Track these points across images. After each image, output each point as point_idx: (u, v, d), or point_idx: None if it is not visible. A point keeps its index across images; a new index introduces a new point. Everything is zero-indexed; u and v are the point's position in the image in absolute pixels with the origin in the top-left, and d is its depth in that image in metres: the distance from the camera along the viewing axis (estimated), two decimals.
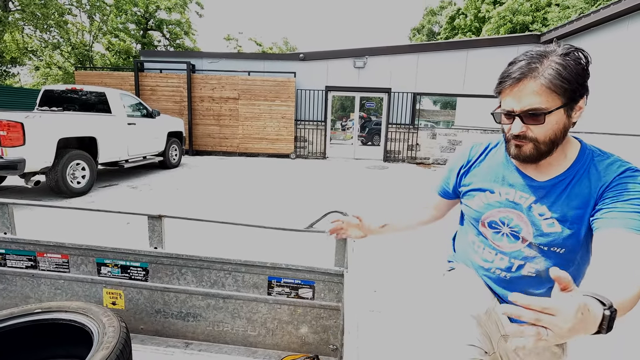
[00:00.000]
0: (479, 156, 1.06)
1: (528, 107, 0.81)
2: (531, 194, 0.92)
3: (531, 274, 0.94)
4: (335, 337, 1.56)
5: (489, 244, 1.01)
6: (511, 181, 0.97)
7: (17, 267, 1.64)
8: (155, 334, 1.64)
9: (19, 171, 4.32)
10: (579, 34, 8.33)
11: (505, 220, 0.96)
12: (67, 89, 6.40)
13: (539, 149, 0.85)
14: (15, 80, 22.38)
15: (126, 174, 7.02)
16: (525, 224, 0.93)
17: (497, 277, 0.99)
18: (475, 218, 1.02)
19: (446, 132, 10.51)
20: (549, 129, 0.82)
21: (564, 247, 0.89)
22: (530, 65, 0.80)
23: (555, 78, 0.77)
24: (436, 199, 1.23)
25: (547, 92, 0.79)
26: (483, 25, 22.82)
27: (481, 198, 1.01)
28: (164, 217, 1.55)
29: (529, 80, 0.80)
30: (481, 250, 1.03)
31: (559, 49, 0.81)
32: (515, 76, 0.82)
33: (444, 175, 1.18)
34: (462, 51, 10.18)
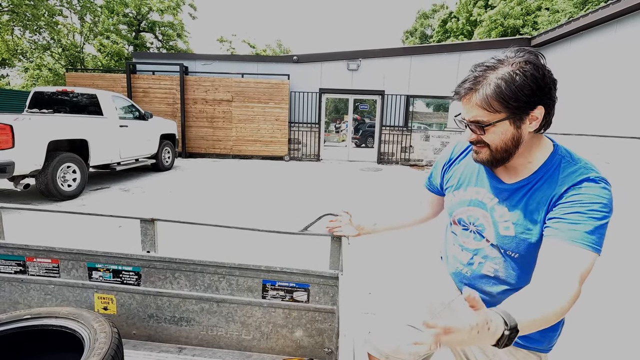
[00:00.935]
0: (460, 155, 1.10)
1: (472, 118, 0.87)
2: (495, 196, 0.95)
3: (490, 273, 0.96)
4: (330, 340, 1.55)
5: (457, 240, 1.06)
6: (482, 181, 1.00)
7: (5, 272, 1.60)
8: (147, 339, 1.62)
9: (7, 174, 4.25)
10: (568, 37, 8.46)
11: (471, 218, 0.99)
12: (58, 91, 6.31)
13: (494, 156, 0.89)
14: (4, 82, 22.06)
15: (118, 177, 6.95)
16: (489, 224, 0.95)
17: (460, 272, 1.03)
18: (450, 214, 1.07)
19: (439, 134, 10.59)
20: (495, 139, 0.86)
21: (518, 252, 0.90)
22: (476, 79, 0.84)
23: (493, 94, 0.80)
24: (426, 194, 1.26)
25: (486, 106, 0.82)
26: (475, 29, 23.08)
27: (455, 195, 1.05)
28: (157, 221, 1.53)
29: (472, 94, 0.85)
30: (452, 247, 1.09)
31: (514, 59, 0.81)
32: (465, 87, 0.87)
33: (432, 171, 1.22)
34: (455, 54, 10.28)
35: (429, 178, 1.23)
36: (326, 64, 10.45)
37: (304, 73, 10.44)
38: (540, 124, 0.84)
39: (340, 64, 10.41)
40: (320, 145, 10.84)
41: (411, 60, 10.34)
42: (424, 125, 11.25)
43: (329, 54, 10.50)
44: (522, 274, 0.92)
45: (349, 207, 1.47)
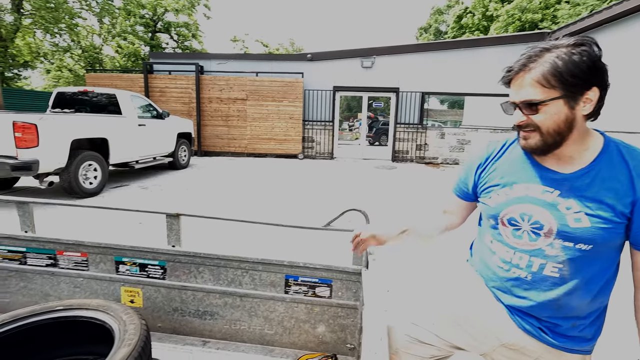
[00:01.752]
0: (497, 153, 1.05)
1: (524, 98, 0.85)
2: (555, 188, 0.90)
3: (554, 273, 0.90)
4: (352, 336, 1.55)
5: (507, 243, 0.98)
6: (532, 175, 0.94)
7: (37, 265, 1.66)
8: (172, 332, 1.65)
9: (33, 172, 4.39)
10: (590, 31, 8.19)
11: (525, 216, 0.93)
12: (79, 91, 6.48)
13: (545, 140, 0.87)
14: (27, 82, 22.76)
15: (136, 175, 7.09)
16: (548, 219, 0.90)
17: (517, 278, 0.95)
18: (494, 215, 1.00)
19: (455, 131, 10.43)
20: (547, 119, 0.84)
21: (593, 242, 0.86)
22: (530, 58, 0.85)
23: (550, 70, 0.81)
24: (454, 201, 1.19)
25: (541, 84, 0.82)
26: (491, 24, 22.61)
27: (500, 194, 0.98)
28: (182, 216, 1.56)
29: (525, 73, 0.85)
30: (499, 250, 1.00)
31: (567, 41, 0.83)
32: (515, 69, 0.87)
33: (460, 175, 1.16)
34: (471, 50, 10.10)
35: (458, 184, 1.17)
36: (340, 62, 10.41)
37: (317, 71, 10.43)
38: (593, 107, 0.84)
39: (354, 61, 10.36)
40: (334, 143, 10.82)
41: (426, 56, 10.21)
42: (438, 122, 11.11)
43: (343, 52, 10.46)
44: (592, 267, 0.89)
45: (368, 205, 1.43)
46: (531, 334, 0.95)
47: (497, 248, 1.01)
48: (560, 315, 0.92)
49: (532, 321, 0.95)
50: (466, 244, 1.26)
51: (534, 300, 0.93)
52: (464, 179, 1.13)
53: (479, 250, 1.11)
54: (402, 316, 1.10)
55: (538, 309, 0.93)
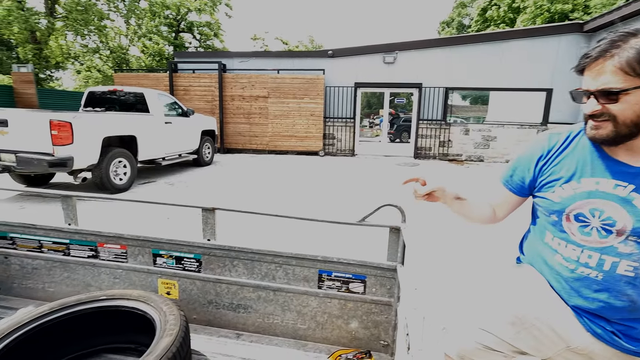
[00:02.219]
0: (561, 145, 0.98)
1: (602, 86, 0.80)
2: (629, 182, 0.85)
3: (629, 272, 0.85)
4: (386, 333, 1.53)
5: (573, 241, 0.92)
6: (602, 169, 0.89)
7: (79, 256, 1.72)
8: (207, 324, 1.68)
9: (68, 168, 4.57)
10: (627, 21, 7.78)
11: (595, 212, 0.87)
12: (109, 90, 6.70)
13: (618, 130, 0.82)
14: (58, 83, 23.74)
15: (163, 172, 7.28)
16: (622, 215, 0.84)
17: (586, 278, 0.90)
18: (559, 211, 0.94)
19: (480, 127, 10.16)
20: (627, 109, 0.79)
21: None
22: (612, 43, 0.79)
23: (636, 57, 0.76)
24: (504, 195, 1.11)
25: (625, 71, 0.76)
26: (517, 16, 21.82)
27: (566, 189, 0.93)
28: (217, 210, 1.58)
29: (606, 59, 0.79)
30: (563, 248, 0.94)
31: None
32: (594, 55, 0.81)
33: (514, 167, 1.08)
34: (497, 43, 9.78)
35: (510, 176, 1.09)
36: (361, 58, 10.32)
37: (339, 67, 10.38)
38: None
39: (375, 57, 10.24)
40: (355, 140, 10.75)
41: (450, 51, 9.97)
42: (460, 119, 10.84)
43: (364, 47, 10.36)
44: None
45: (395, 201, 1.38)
46: (601, 338, 0.90)
47: (560, 246, 0.95)
48: (635, 317, 0.87)
49: (603, 324, 0.90)
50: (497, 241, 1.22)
51: (605, 301, 0.87)
52: (520, 172, 1.06)
53: (535, 249, 1.05)
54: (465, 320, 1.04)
55: (610, 310, 0.88)
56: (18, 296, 1.84)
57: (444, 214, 4.49)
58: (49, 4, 15.01)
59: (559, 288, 0.96)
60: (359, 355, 1.49)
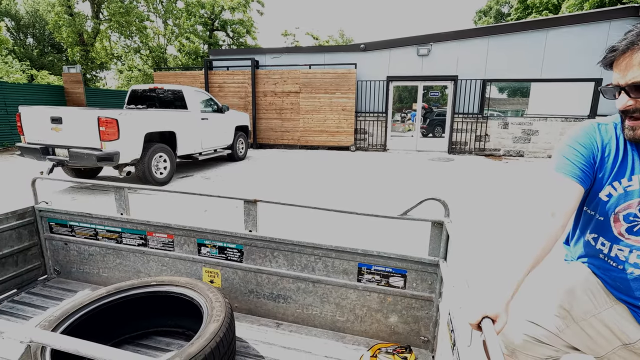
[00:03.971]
0: (610, 138, 0.91)
1: (633, 79, 0.76)
2: None
3: None
4: (427, 328, 1.51)
5: (620, 241, 0.88)
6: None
7: (130, 244, 1.83)
8: (248, 312, 1.74)
9: (114, 162, 4.86)
10: None
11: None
12: (150, 88, 7.02)
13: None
14: (102, 83, 25.17)
15: (199, 166, 7.55)
16: None
17: (637, 278, 0.86)
18: (606, 211, 0.89)
19: (520, 120, 9.67)
20: None
21: None
22: (639, 36, 0.75)
23: None
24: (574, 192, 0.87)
25: None
26: (562, 2, 20.45)
27: (617, 188, 0.88)
28: (259, 202, 1.62)
29: (634, 52, 0.75)
30: (609, 248, 0.91)
31: None
32: (622, 48, 0.77)
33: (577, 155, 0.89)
34: (540, 31, 9.23)
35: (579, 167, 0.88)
36: (394, 51, 10.12)
37: (371, 61, 10.24)
38: None
39: (409, 49, 10.00)
40: (387, 135, 10.60)
41: (488, 41, 9.54)
42: (497, 112, 10.37)
43: (397, 40, 10.13)
44: None
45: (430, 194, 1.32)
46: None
47: (606, 246, 0.92)
48: None
49: None
50: None
51: None
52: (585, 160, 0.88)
53: (581, 248, 1.01)
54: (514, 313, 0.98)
55: None
56: (76, 279, 1.99)
57: (483, 212, 4.33)
58: (95, 8, 15.92)
59: (609, 287, 0.93)
60: (399, 350, 1.48)
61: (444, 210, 1.37)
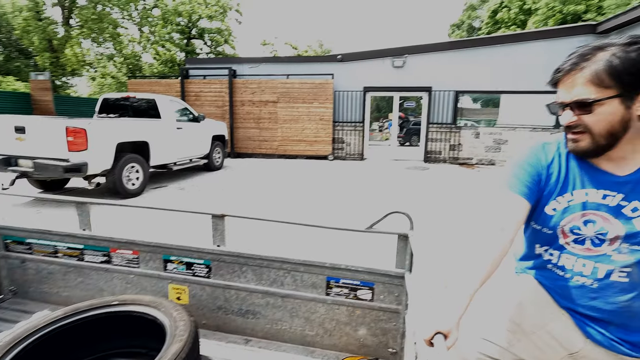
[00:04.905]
0: (553, 156, 0.97)
1: (576, 97, 0.82)
2: (617, 191, 0.86)
3: (622, 279, 0.86)
4: (394, 340, 1.53)
5: (567, 250, 0.93)
6: (590, 180, 0.90)
7: (93, 261, 1.76)
8: (216, 329, 1.70)
9: (82, 173, 4.68)
10: None
11: (589, 223, 0.89)
12: (122, 97, 6.85)
13: (597, 142, 0.83)
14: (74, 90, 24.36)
15: (174, 176, 7.39)
16: (613, 224, 0.86)
17: (581, 286, 0.91)
18: (553, 225, 0.93)
19: (491, 130, 10.04)
20: (601, 120, 0.81)
21: None
22: (582, 57, 0.81)
23: (605, 69, 0.78)
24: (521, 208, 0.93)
25: (596, 83, 0.79)
26: (529, 18, 21.58)
27: (560, 202, 0.93)
28: (227, 216, 1.60)
29: (578, 72, 0.82)
30: (558, 258, 0.95)
31: (620, 40, 0.80)
32: (566, 67, 0.84)
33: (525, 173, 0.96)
34: (508, 46, 9.68)
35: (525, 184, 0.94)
36: (370, 62, 10.33)
37: (348, 72, 10.40)
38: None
39: (384, 61, 10.24)
40: (365, 144, 10.74)
41: (460, 54, 9.91)
42: (471, 122, 10.74)
43: (373, 52, 10.37)
44: None
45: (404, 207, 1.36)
46: (601, 343, 0.91)
47: (554, 256, 0.96)
48: (634, 322, 0.88)
49: (602, 330, 0.91)
50: None
51: (602, 308, 0.89)
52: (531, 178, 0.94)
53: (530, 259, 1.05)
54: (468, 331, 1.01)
55: (608, 317, 0.89)
56: (34, 300, 1.89)
57: (453, 222, 4.44)
58: (65, 14, 15.44)
59: (556, 296, 0.97)
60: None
61: (409, 223, 1.40)
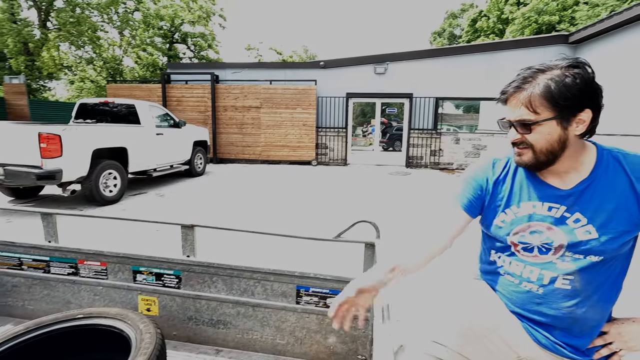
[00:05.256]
0: (502, 170, 1.03)
1: (518, 117, 0.88)
2: (560, 204, 0.92)
3: (565, 286, 0.91)
4: (364, 347, 1.55)
5: (517, 257, 0.98)
6: (536, 193, 0.95)
7: (60, 274, 1.73)
8: (187, 340, 1.69)
9: (56, 181, 4.56)
10: (610, 33, 7.99)
11: (535, 234, 0.94)
12: (100, 102, 6.71)
13: (538, 158, 0.90)
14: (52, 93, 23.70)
15: (154, 183, 7.27)
16: (558, 235, 0.91)
17: (528, 291, 0.96)
18: (503, 236, 0.99)
19: (470, 136, 10.29)
20: (540, 139, 0.87)
21: (603, 254, 0.87)
22: (524, 80, 0.87)
23: (542, 93, 0.84)
24: (466, 220, 1.05)
25: (534, 105, 0.85)
26: (506, 27, 22.29)
27: (508, 214, 0.99)
28: (196, 227, 1.60)
29: (520, 93, 0.87)
30: (508, 265, 1.01)
31: (562, 63, 0.85)
32: (509, 90, 0.90)
33: (470, 189, 1.05)
34: (486, 54, 9.98)
35: (468, 199, 1.04)
36: (353, 69, 10.46)
37: (331, 78, 10.50)
38: (587, 127, 0.85)
39: (367, 68, 10.39)
40: (348, 150, 10.83)
41: (440, 61, 10.15)
42: (453, 127, 10.99)
43: (356, 59, 10.50)
44: (603, 278, 0.90)
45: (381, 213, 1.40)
46: (547, 347, 0.95)
47: (506, 263, 1.01)
48: (576, 327, 0.93)
49: (548, 335, 0.95)
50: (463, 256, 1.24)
51: (547, 313, 0.93)
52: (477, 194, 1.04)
53: (487, 265, 1.10)
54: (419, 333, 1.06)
55: (552, 322, 0.94)
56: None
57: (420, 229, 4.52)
58: (42, 16, 15.06)
59: (507, 301, 1.02)
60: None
61: (375, 232, 1.44)
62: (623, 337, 0.95)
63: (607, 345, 0.96)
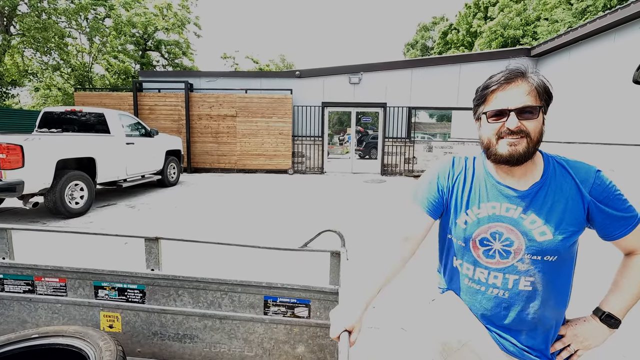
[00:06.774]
0: (461, 171, 1.04)
1: (523, 104, 0.88)
2: (517, 205, 0.93)
3: (527, 287, 0.93)
4: (332, 355, 1.56)
5: (480, 264, 0.98)
6: (495, 194, 0.97)
7: (14, 292, 1.64)
8: (152, 356, 1.64)
9: (17, 193, 4.34)
10: (568, 47, 8.53)
11: (496, 235, 0.94)
12: (66, 111, 6.47)
13: (529, 148, 0.90)
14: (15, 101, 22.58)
15: (125, 193, 7.04)
16: (517, 236, 0.92)
17: (495, 297, 0.96)
18: (466, 237, 0.98)
19: (442, 144, 10.62)
20: (537, 127, 0.90)
21: (557, 253, 0.90)
22: (517, 70, 0.91)
23: (541, 85, 0.90)
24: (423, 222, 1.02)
25: (535, 93, 0.89)
26: (475, 40, 23.31)
27: (470, 215, 0.98)
28: (161, 239, 1.57)
29: (521, 81, 0.89)
30: (472, 272, 1.00)
31: (533, 69, 0.92)
32: (503, 79, 0.90)
33: (431, 190, 1.04)
34: (456, 65, 10.39)
35: (428, 200, 1.03)
36: (328, 78, 10.61)
37: (306, 87, 10.59)
38: None
39: (342, 77, 10.56)
40: (324, 158, 10.90)
41: (412, 72, 10.47)
42: (427, 135, 11.31)
43: (331, 69, 10.66)
44: (559, 277, 0.94)
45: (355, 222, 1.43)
46: (514, 354, 0.96)
47: (470, 270, 1.00)
48: (540, 328, 0.95)
49: (514, 341, 0.97)
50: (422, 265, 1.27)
51: (513, 318, 0.95)
52: (438, 196, 1.03)
53: (449, 274, 1.09)
54: (396, 347, 1.07)
55: (518, 326, 0.96)
56: None
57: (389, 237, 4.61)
58: (4, 21, 14.41)
59: (475, 310, 1.01)
60: None
61: (340, 241, 1.46)
62: (579, 338, 0.99)
63: (566, 347, 1.00)
